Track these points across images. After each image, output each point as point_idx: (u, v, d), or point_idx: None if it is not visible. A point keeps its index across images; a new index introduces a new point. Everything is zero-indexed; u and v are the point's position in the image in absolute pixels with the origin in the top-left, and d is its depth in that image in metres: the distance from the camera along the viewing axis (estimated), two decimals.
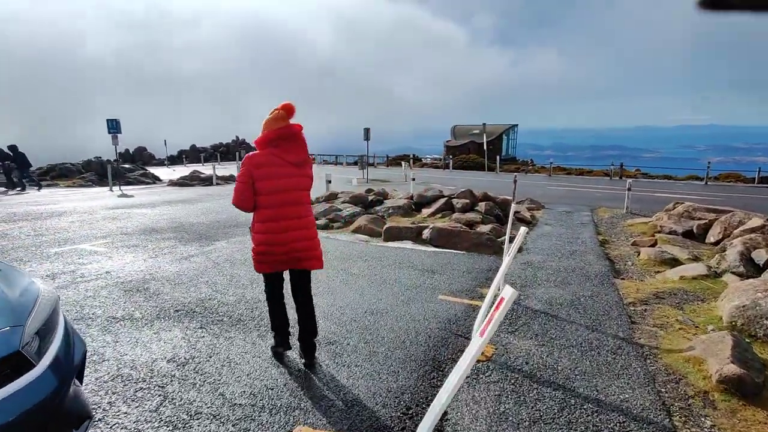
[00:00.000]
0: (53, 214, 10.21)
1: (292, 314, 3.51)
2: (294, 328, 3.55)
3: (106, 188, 18.34)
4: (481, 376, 3.25)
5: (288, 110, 3.04)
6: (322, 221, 9.56)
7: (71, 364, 1.89)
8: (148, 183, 23.89)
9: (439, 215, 10.46)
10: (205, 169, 26.90)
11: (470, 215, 9.92)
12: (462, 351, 3.61)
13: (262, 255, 3.10)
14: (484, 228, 9.11)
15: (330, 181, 14.08)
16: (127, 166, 27.83)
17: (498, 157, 28.81)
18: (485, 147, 27.79)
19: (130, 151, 48.60)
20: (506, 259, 3.74)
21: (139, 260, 6.25)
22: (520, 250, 7.81)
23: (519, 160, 39.68)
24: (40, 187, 18.81)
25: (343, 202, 11.18)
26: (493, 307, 2.00)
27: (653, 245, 7.81)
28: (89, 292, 4.80)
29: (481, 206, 10.67)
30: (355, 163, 39.34)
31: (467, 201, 10.83)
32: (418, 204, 11.33)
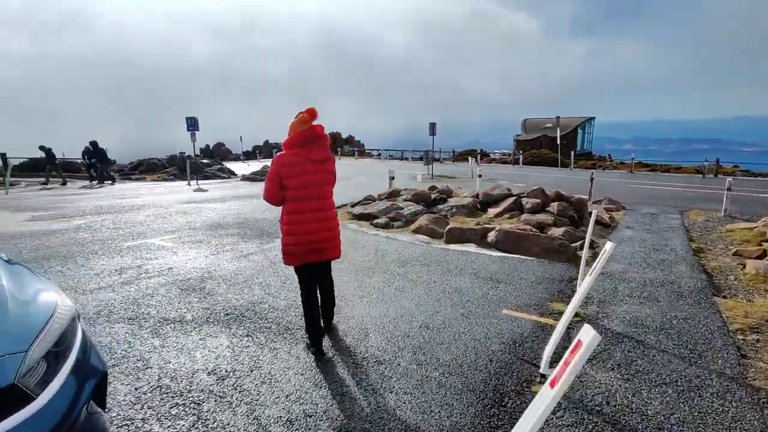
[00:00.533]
0: (133, 208, 10.91)
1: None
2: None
3: (185, 182, 19.51)
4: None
5: (311, 114, 3.28)
6: (382, 220, 9.30)
7: (82, 391, 1.72)
8: (223, 177, 25.21)
9: (507, 216, 9.77)
10: None
11: (541, 216, 9.14)
12: (529, 382, 3.13)
13: (289, 246, 3.31)
14: (557, 231, 8.33)
15: (393, 178, 13.80)
16: (205, 161, 29.63)
17: (572, 153, 26.90)
18: (558, 141, 26.04)
19: (210, 147, 51.94)
20: (587, 279, 3.17)
21: (201, 257, 6.36)
22: (593, 255, 7.00)
23: (595, 156, 36.95)
24: (113, 181, 20.35)
25: (405, 200, 10.84)
26: (569, 351, 1.56)
27: (761, 256, 6.64)
28: (149, 290, 4.89)
29: (554, 207, 9.82)
30: (421, 159, 38.86)
31: (538, 201, 10.02)
32: (484, 203, 10.70)
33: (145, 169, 28.20)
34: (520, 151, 31.22)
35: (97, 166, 20.23)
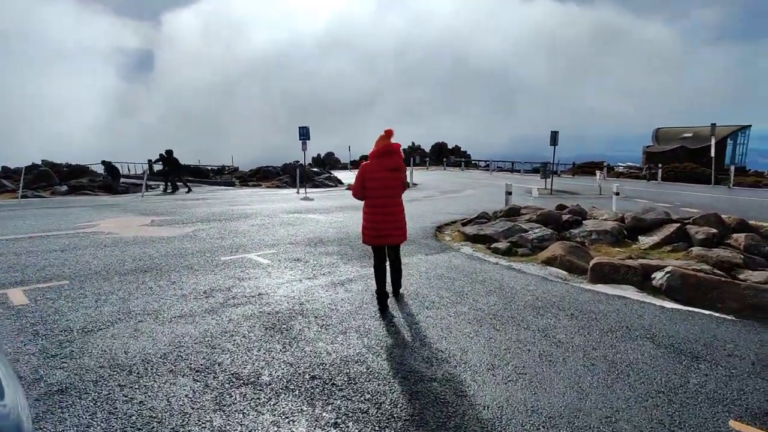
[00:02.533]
0: (241, 216, 10.82)
1: None
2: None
3: (295, 190, 19.83)
4: None
5: (388, 134, 4.48)
6: (503, 244, 7.77)
7: None
8: (330, 186, 25.51)
9: (668, 248, 7.58)
10: None
11: (722, 252, 6.85)
12: None
13: (366, 230, 4.47)
14: (755, 275, 6.06)
15: (510, 193, 12.10)
16: (315, 169, 30.50)
17: (731, 167, 22.18)
18: (713, 152, 21.54)
19: (321, 156, 54.34)
20: None
21: (296, 280, 5.54)
22: None
23: (749, 171, 30.52)
24: (189, 189, 19.41)
25: (528, 221, 9.16)
26: None
27: None
28: (230, 324, 4.09)
29: (738, 239, 7.38)
30: (536, 171, 35.83)
31: (713, 230, 7.65)
32: (632, 229, 8.55)
33: (261, 176, 29.85)
34: (658, 165, 26.80)
35: (170, 174, 19.91)
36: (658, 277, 5.68)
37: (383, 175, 4.36)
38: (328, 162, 49.51)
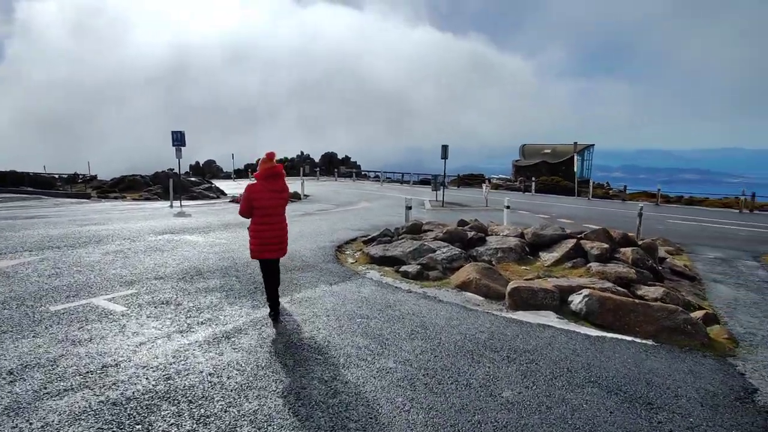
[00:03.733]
0: (92, 240, 8.58)
1: None
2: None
3: (168, 203, 17.20)
4: None
5: (270, 157, 4.80)
6: (412, 267, 7.10)
7: None
8: (211, 197, 22.93)
9: (569, 265, 7.66)
10: None
11: (617, 268, 7.04)
12: None
13: (255, 246, 4.76)
14: (652, 291, 6.25)
15: (410, 207, 11.64)
16: (193, 179, 27.33)
17: (591, 181, 25.13)
18: (575, 167, 24.17)
19: (200, 164, 49.66)
20: None
21: (162, 336, 4.11)
22: (730, 337, 4.89)
23: (594, 183, 35.25)
24: None
25: (434, 239, 8.68)
26: None
27: None
28: None
29: (626, 253, 7.74)
30: (424, 183, 36.97)
31: (605, 245, 7.94)
32: (533, 245, 8.58)
33: (125, 186, 25.78)
34: (531, 178, 29.37)
35: None
36: (576, 302, 5.47)
37: (270, 196, 4.69)
38: (208, 171, 45.34)
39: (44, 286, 5.49)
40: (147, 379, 3.30)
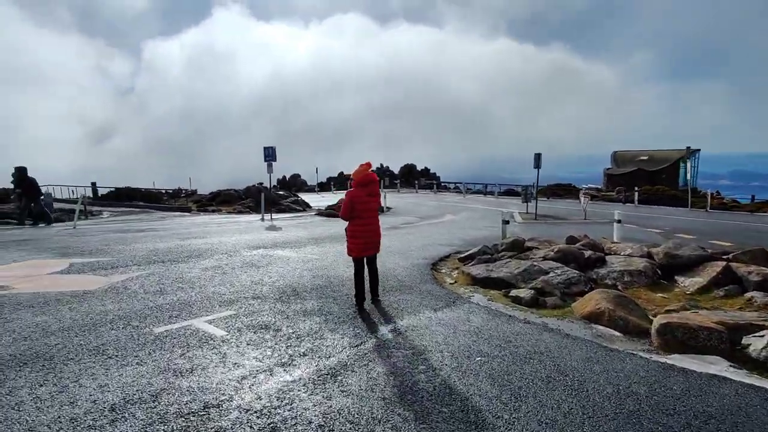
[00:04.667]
0: (192, 255, 8.79)
1: None
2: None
3: (259, 217, 17.79)
4: None
5: (368, 165, 5.58)
6: (524, 292, 6.21)
7: None
8: (298, 210, 23.54)
9: (720, 293, 6.27)
10: None
11: None
12: None
13: (354, 245, 5.50)
14: None
15: (508, 222, 10.67)
16: (281, 192, 28.43)
17: (709, 192, 22.01)
18: (688, 175, 21.33)
19: (286, 178, 52.08)
20: None
21: (264, 370, 3.72)
22: None
23: (700, 192, 30.91)
24: (50, 221, 14.99)
25: (544, 258, 7.68)
26: None
27: None
28: None
29: None
30: (509, 194, 35.20)
31: (766, 270, 6.42)
32: (666, 268, 7.23)
33: (222, 200, 27.44)
34: (635, 188, 26.52)
35: (24, 200, 14.92)
36: (759, 347, 4.26)
37: (367, 200, 5.46)
38: (294, 184, 47.28)
39: (149, 304, 5.47)
40: (251, 428, 2.87)
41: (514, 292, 6.34)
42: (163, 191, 32.32)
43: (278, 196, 25.45)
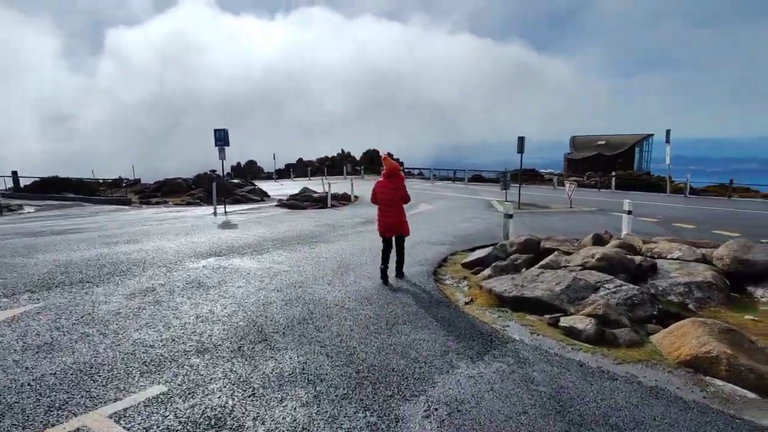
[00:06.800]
0: (117, 269, 6.52)
1: None
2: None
3: (210, 210, 15.33)
4: None
5: (390, 156, 6.50)
6: (582, 323, 4.53)
7: None
8: (255, 200, 21.14)
9: None
10: (314, 185, 23.61)
11: None
12: None
13: (378, 225, 6.42)
14: None
15: (511, 216, 9.01)
16: (236, 181, 25.69)
17: (688, 176, 21.57)
18: (667, 160, 20.71)
19: (241, 165, 48.57)
20: None
21: None
22: None
23: (653, 176, 31.01)
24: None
25: (583, 267, 6.04)
26: None
27: None
28: None
29: None
30: (477, 180, 34.01)
31: None
32: (737, 275, 5.80)
33: (168, 190, 24.41)
34: (586, 171, 25.91)
35: None
36: None
37: (389, 189, 6.28)
38: (249, 171, 43.95)
39: (20, 379, 3.32)
40: None
41: (565, 322, 4.66)
42: (101, 181, 28.51)
43: (233, 185, 22.82)
